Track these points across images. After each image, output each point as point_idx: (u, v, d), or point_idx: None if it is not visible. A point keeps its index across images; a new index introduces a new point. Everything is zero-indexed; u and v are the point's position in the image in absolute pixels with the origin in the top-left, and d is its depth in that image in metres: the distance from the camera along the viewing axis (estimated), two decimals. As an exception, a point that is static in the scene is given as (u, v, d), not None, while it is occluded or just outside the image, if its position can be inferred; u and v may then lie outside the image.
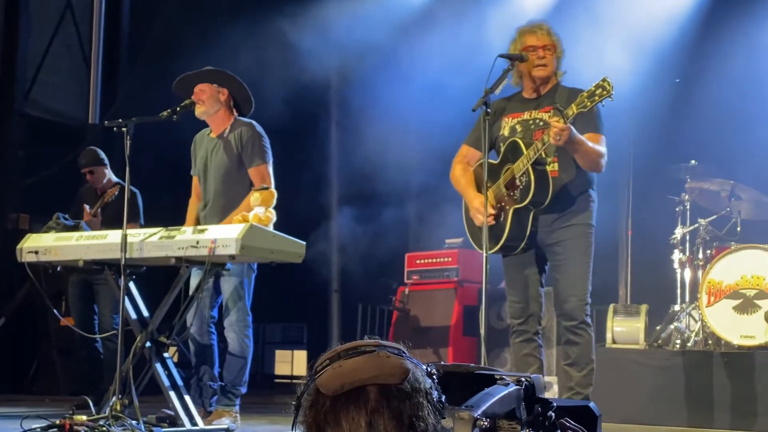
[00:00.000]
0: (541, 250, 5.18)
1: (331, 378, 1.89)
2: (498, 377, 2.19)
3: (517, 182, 5.03)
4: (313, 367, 1.97)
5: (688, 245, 7.75)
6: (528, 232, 5.07)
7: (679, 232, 7.77)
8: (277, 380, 11.99)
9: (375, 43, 9.30)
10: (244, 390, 5.93)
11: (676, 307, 7.59)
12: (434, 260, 8.58)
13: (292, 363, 11.81)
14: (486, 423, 1.94)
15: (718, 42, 8.58)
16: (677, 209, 7.84)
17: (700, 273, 7.42)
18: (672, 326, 7.44)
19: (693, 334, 7.32)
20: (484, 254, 4.86)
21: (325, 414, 1.88)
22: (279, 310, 11.12)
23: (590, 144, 4.97)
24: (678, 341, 7.34)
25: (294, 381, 11.76)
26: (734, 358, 6.77)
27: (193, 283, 5.65)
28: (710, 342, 7.18)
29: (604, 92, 4.78)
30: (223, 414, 5.77)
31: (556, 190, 5.02)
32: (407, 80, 9.17)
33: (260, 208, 5.38)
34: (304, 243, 5.41)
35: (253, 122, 6.03)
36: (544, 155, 4.97)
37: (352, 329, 9.70)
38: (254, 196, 5.49)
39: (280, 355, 12.21)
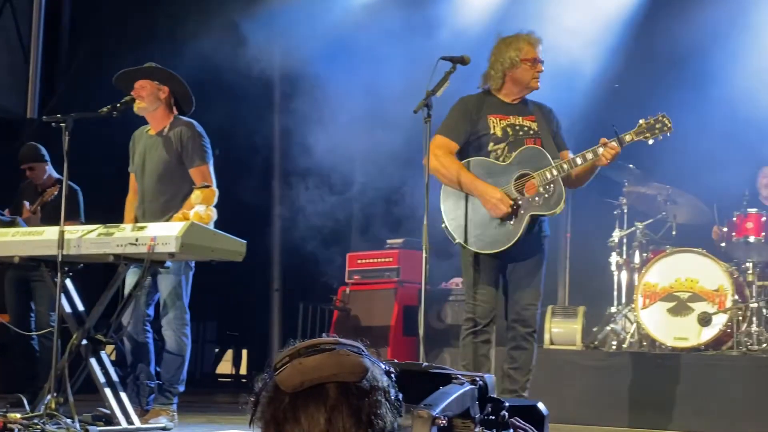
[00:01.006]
0: (507, 254, 5.23)
1: (292, 375, 1.89)
2: (453, 376, 2.21)
3: (541, 190, 5.11)
4: (273, 364, 1.99)
5: (625, 248, 7.87)
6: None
7: (616, 235, 7.88)
8: (217, 379, 11.94)
9: (322, 34, 9.28)
10: (182, 388, 5.90)
11: (613, 309, 7.69)
12: (375, 260, 8.59)
13: (233, 362, 11.76)
14: (444, 422, 1.97)
15: (656, 46, 8.71)
16: (615, 212, 7.95)
17: (636, 276, 7.54)
18: (608, 328, 7.55)
19: (628, 336, 7.43)
20: (424, 254, 4.89)
21: (284, 410, 1.88)
22: (220, 309, 11.08)
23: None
24: (614, 342, 7.44)
25: (235, 380, 11.72)
26: (667, 359, 6.89)
27: (129, 281, 5.59)
28: (645, 343, 7.30)
29: (665, 128, 5.09)
30: (161, 413, 5.74)
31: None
32: (354, 76, 9.16)
33: (201, 206, 5.37)
34: (245, 242, 5.40)
35: (193, 122, 5.99)
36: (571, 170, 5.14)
37: (292, 328, 9.66)
38: (195, 194, 5.47)
39: (222, 354, 12.16)
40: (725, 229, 7.61)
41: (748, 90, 8.04)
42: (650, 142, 5.09)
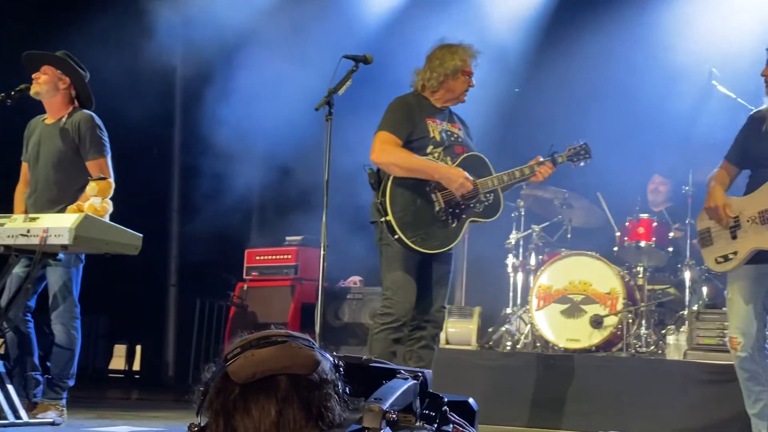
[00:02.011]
0: (424, 257, 5.26)
1: (244, 366, 1.91)
2: (397, 371, 2.23)
3: (482, 197, 5.20)
4: (224, 355, 1.98)
5: (521, 250, 7.99)
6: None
7: (513, 237, 8.00)
8: (109, 374, 11.75)
9: (227, 24, 9.19)
10: (71, 383, 5.78)
11: (508, 310, 7.80)
12: (273, 257, 8.56)
13: (126, 357, 11.58)
14: (394, 416, 1.99)
15: (558, 53, 8.85)
16: (513, 215, 8.06)
17: (531, 277, 7.67)
18: (503, 328, 7.65)
19: (523, 337, 7.55)
20: (321, 252, 4.89)
21: (234, 401, 1.90)
22: (114, 303, 10.89)
23: None
24: (508, 343, 7.55)
25: (128, 376, 11.54)
26: (559, 360, 7.01)
27: (17, 271, 5.44)
28: (538, 344, 7.42)
29: (588, 156, 5.44)
30: (49, 407, 5.61)
31: None
32: (257, 72, 9.10)
33: (96, 199, 5.27)
34: (141, 235, 5.31)
35: (93, 114, 5.87)
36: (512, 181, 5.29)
37: (189, 324, 9.58)
38: (91, 186, 5.37)
39: (115, 349, 11.96)
40: (617, 234, 7.79)
41: (643, 99, 8.23)
42: (574, 166, 5.41)
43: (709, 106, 7.19)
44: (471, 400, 2.47)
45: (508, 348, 7.50)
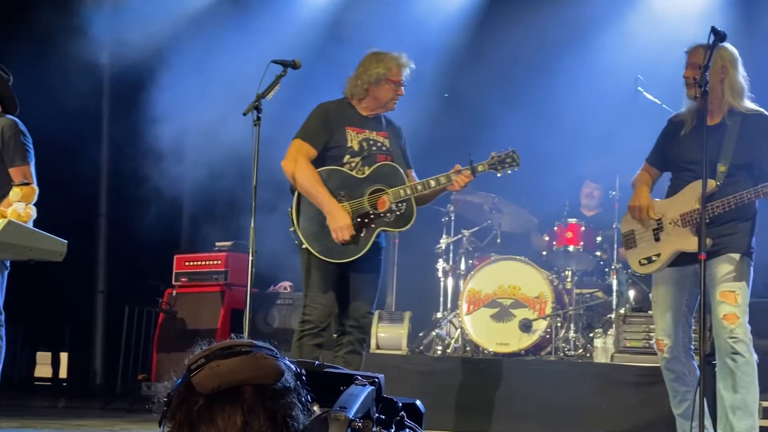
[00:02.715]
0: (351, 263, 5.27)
1: (209, 377, 1.91)
2: (353, 377, 2.23)
3: (393, 207, 5.18)
4: (187, 365, 1.96)
5: (451, 255, 8.03)
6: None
7: (443, 241, 8.03)
8: (36, 383, 11.53)
9: (158, 29, 9.10)
10: (-5, 391, 5.66)
11: (439, 315, 7.83)
12: (203, 263, 8.48)
13: (52, 365, 11.37)
14: (359, 424, 1.99)
15: (488, 56, 8.91)
16: (443, 220, 8.10)
17: (461, 282, 7.70)
18: (434, 333, 7.68)
19: (453, 341, 7.58)
20: (250, 257, 4.86)
21: (199, 411, 1.89)
22: (40, 311, 10.69)
23: None
24: (439, 347, 7.58)
25: (54, 384, 11.35)
26: (489, 364, 7.06)
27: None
28: (468, 348, 7.46)
29: (514, 164, 5.34)
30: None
31: None
32: (188, 73, 9.01)
33: (20, 204, 5.17)
34: (65, 241, 5.23)
35: (16, 119, 5.76)
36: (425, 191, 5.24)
37: (117, 331, 9.45)
38: (14, 192, 5.27)
39: (40, 357, 11.74)
40: (546, 238, 7.87)
41: (571, 103, 8.32)
42: (499, 174, 5.29)
43: (635, 112, 7.29)
44: (418, 402, 2.48)
45: (439, 352, 7.52)
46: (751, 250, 4.79)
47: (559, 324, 7.35)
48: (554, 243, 7.78)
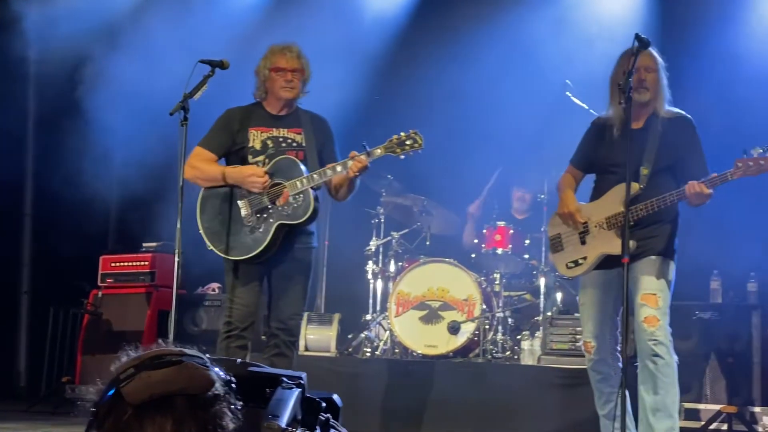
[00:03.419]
0: (268, 262, 5.23)
1: (139, 389, 1.87)
2: (280, 379, 2.21)
3: (291, 199, 5.11)
4: (116, 375, 1.92)
5: (381, 257, 8.04)
6: (277, 247, 5.16)
7: (373, 244, 8.04)
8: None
9: (86, 25, 8.96)
10: None
11: (368, 317, 7.83)
12: (129, 264, 8.38)
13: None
14: (292, 430, 1.98)
15: (417, 61, 8.94)
16: (373, 222, 8.11)
17: (391, 284, 7.71)
18: (363, 335, 7.68)
19: (382, 343, 7.59)
20: (176, 258, 4.82)
21: (128, 421, 1.86)
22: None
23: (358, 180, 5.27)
24: (368, 349, 7.58)
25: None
26: (417, 366, 7.08)
27: None
28: (397, 350, 7.47)
29: (416, 145, 5.12)
30: None
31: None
32: (118, 70, 8.88)
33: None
34: (-13, 241, 5.14)
35: None
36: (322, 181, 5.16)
37: (41, 332, 9.29)
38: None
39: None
40: (476, 241, 7.92)
41: (502, 106, 8.37)
42: (401, 157, 5.17)
43: (563, 116, 7.36)
44: (335, 396, 2.48)
45: (368, 354, 7.53)
46: (673, 251, 4.86)
47: (487, 326, 7.40)
48: (483, 246, 7.83)
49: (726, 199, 4.99)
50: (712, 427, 7.04)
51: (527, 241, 7.87)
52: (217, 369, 1.99)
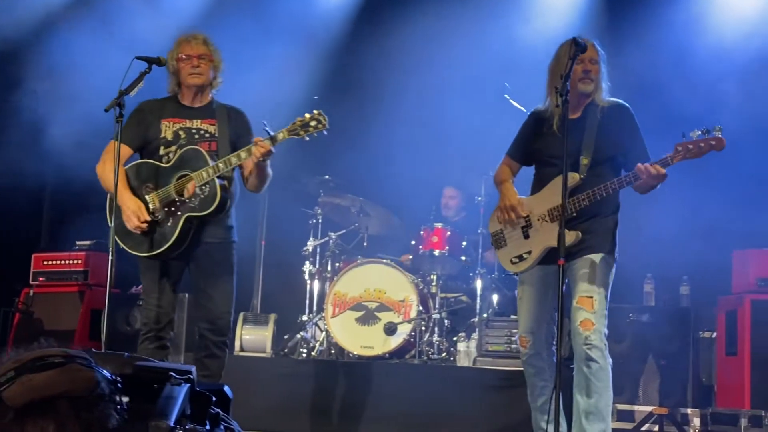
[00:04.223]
0: (185, 258, 5.14)
1: (21, 393, 1.84)
2: (167, 373, 2.17)
3: (197, 190, 5.01)
4: None
5: (318, 257, 8.01)
6: (188, 241, 5.06)
7: (311, 244, 8.01)
8: None
9: (23, 15, 8.79)
10: None
11: (304, 317, 7.80)
12: (62, 262, 8.25)
13: None
14: (181, 430, 1.94)
15: (355, 60, 8.92)
16: (310, 222, 8.08)
17: (327, 284, 7.69)
18: (299, 335, 7.64)
19: (318, 344, 7.56)
20: (110, 257, 4.75)
21: (9, 425, 1.83)
22: None
23: (270, 172, 5.15)
24: (304, 350, 7.54)
25: None
26: (353, 367, 7.06)
27: None
28: (333, 351, 7.45)
29: (320, 126, 4.95)
30: None
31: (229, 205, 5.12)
32: (55, 65, 8.73)
33: None
34: None
35: None
36: (228, 170, 5.02)
37: (-30, 332, 9.11)
38: None
39: None
40: (413, 242, 7.93)
41: (439, 109, 8.40)
42: (306, 138, 4.98)
43: (501, 119, 7.40)
44: (226, 388, 2.46)
45: (303, 355, 7.49)
46: (614, 247, 4.83)
47: (423, 328, 7.41)
48: (420, 247, 7.84)
49: (658, 202, 5.02)
50: (644, 428, 7.13)
51: (464, 243, 7.90)
52: (101, 369, 1.95)
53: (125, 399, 1.99)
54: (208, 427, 2.21)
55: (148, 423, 1.95)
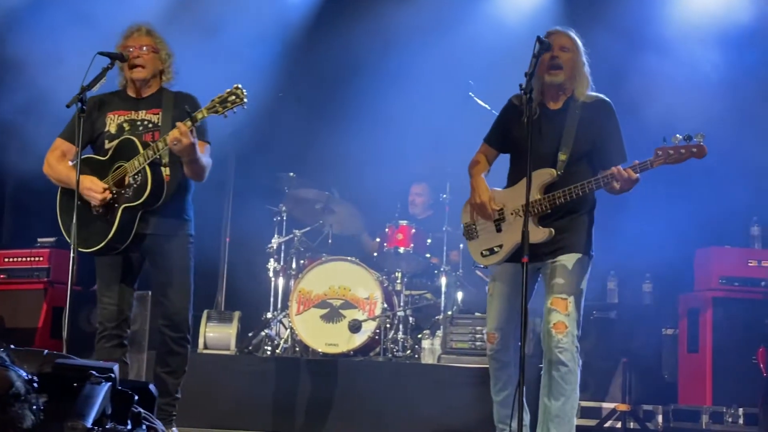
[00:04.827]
0: (140, 252, 5.08)
1: None
2: (88, 372, 2.13)
3: (131, 180, 4.92)
4: None
5: (283, 254, 7.99)
6: (133, 234, 4.97)
7: (275, 241, 7.99)
8: None
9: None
10: None
11: (269, 315, 7.77)
12: (23, 259, 8.16)
13: None
14: (98, 431, 1.91)
15: (320, 56, 8.89)
16: (275, 219, 8.06)
17: (292, 282, 7.67)
18: (263, 333, 7.61)
19: (282, 341, 7.53)
20: (72, 254, 4.69)
21: None
22: None
23: (202, 159, 4.99)
24: (268, 348, 7.52)
25: None
26: (319, 365, 7.05)
27: None
28: (298, 349, 7.43)
29: (238, 100, 4.80)
30: None
31: (168, 194, 4.98)
32: (15, 59, 8.63)
33: None
34: None
35: None
36: (160, 157, 4.91)
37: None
38: None
39: None
40: (378, 240, 7.93)
41: (405, 108, 8.39)
42: (225, 115, 4.84)
43: (466, 117, 7.41)
44: (151, 386, 2.43)
45: (268, 353, 7.46)
46: (590, 245, 4.77)
47: (388, 325, 7.41)
48: (385, 244, 7.84)
49: (622, 199, 4.99)
50: (607, 425, 7.18)
51: (429, 241, 7.91)
52: (17, 368, 1.92)
53: (43, 398, 1.94)
54: (129, 426, 2.17)
55: (64, 424, 1.92)
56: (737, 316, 7.08)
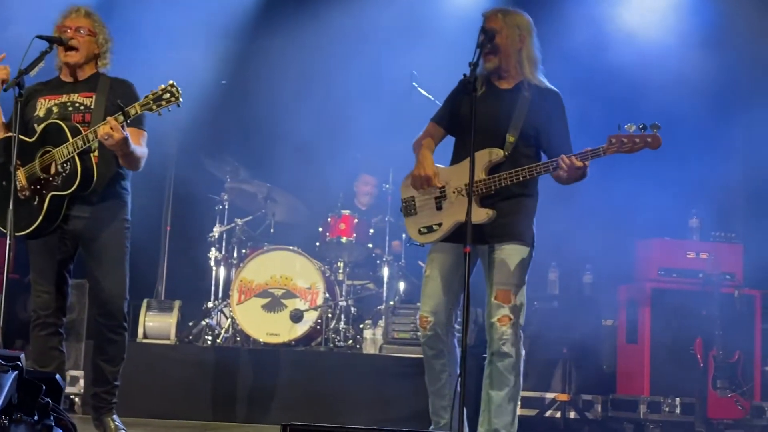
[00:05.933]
0: (73, 239, 4.97)
1: None
2: None
3: (59, 168, 4.80)
4: None
5: (224, 244, 7.93)
6: (60, 219, 4.87)
7: (217, 230, 7.93)
8: None
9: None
10: None
11: (210, 304, 7.71)
12: (-42, 246, 8.01)
13: None
14: (6, 420, 1.86)
15: (266, 44, 8.82)
16: (217, 208, 7.99)
17: (233, 271, 7.62)
18: (204, 322, 7.55)
19: (223, 331, 7.48)
20: (8, 241, 4.59)
21: None
22: None
23: (137, 150, 4.87)
24: (209, 337, 7.46)
25: None
26: (260, 354, 7.01)
27: None
28: (239, 338, 7.38)
29: (173, 98, 4.67)
30: None
31: (99, 182, 4.87)
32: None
33: None
34: None
35: None
36: (89, 146, 4.81)
37: None
38: None
39: None
40: (320, 229, 7.89)
41: (349, 96, 8.37)
42: (159, 114, 4.70)
43: (409, 107, 7.40)
44: (57, 377, 2.38)
45: (209, 342, 7.41)
46: (532, 234, 4.72)
47: (329, 315, 7.40)
48: (327, 234, 7.82)
49: (563, 190, 4.98)
50: (546, 414, 7.24)
51: (371, 231, 7.90)
52: None
53: None
54: (36, 417, 2.12)
55: None
56: (675, 307, 7.17)
